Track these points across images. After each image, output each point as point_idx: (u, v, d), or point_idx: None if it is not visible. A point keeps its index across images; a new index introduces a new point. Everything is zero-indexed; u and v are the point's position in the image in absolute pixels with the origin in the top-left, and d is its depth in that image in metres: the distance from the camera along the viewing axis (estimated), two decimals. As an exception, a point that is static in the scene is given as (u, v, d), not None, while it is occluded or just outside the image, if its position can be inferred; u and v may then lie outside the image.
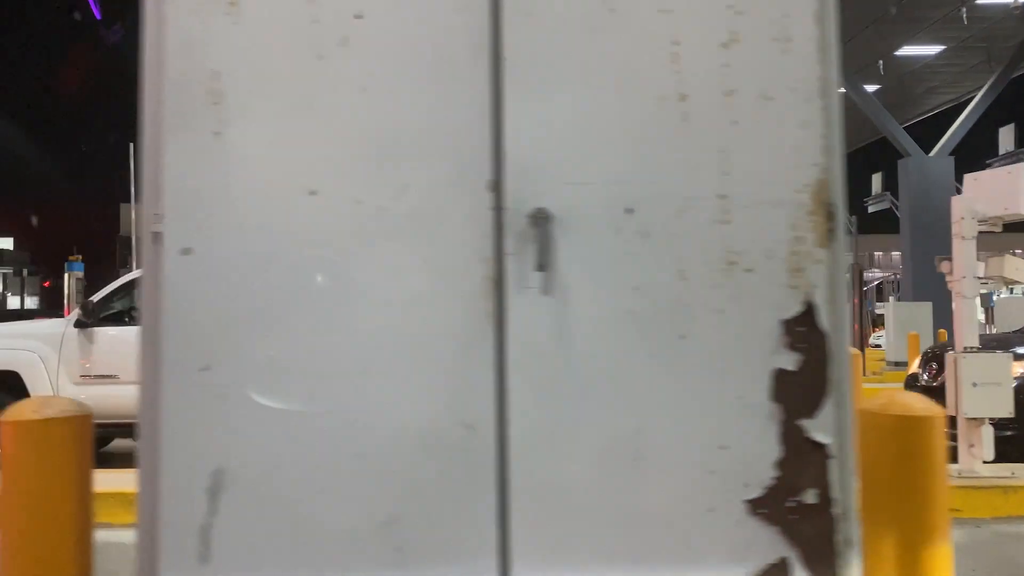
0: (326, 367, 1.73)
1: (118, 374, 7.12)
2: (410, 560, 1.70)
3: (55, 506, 1.92)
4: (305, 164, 1.76)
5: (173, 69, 1.75)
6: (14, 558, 1.93)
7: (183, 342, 1.73)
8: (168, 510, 1.70)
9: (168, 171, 1.75)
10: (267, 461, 1.72)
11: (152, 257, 1.76)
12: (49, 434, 1.91)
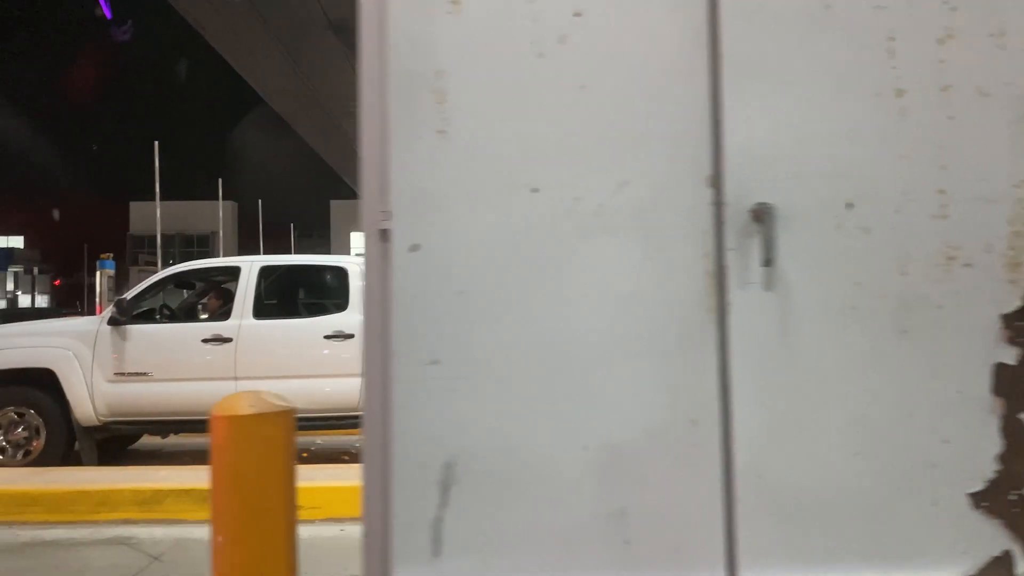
0: (550, 361, 1.75)
1: (151, 372, 7.14)
2: (638, 552, 1.72)
3: (266, 497, 1.95)
4: (527, 161, 1.78)
5: (397, 69, 1.77)
6: (228, 547, 1.96)
7: (412, 337, 1.74)
8: (400, 504, 1.72)
9: (395, 170, 1.77)
10: (496, 454, 1.74)
11: (379, 254, 1.78)
12: (263, 428, 1.93)
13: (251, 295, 7.32)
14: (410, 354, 1.74)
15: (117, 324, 7.16)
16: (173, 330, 7.53)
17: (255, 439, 1.91)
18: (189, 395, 7.10)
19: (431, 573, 1.70)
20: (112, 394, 7.03)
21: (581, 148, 1.79)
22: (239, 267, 7.52)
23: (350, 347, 7.22)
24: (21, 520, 5.52)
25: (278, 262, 8.22)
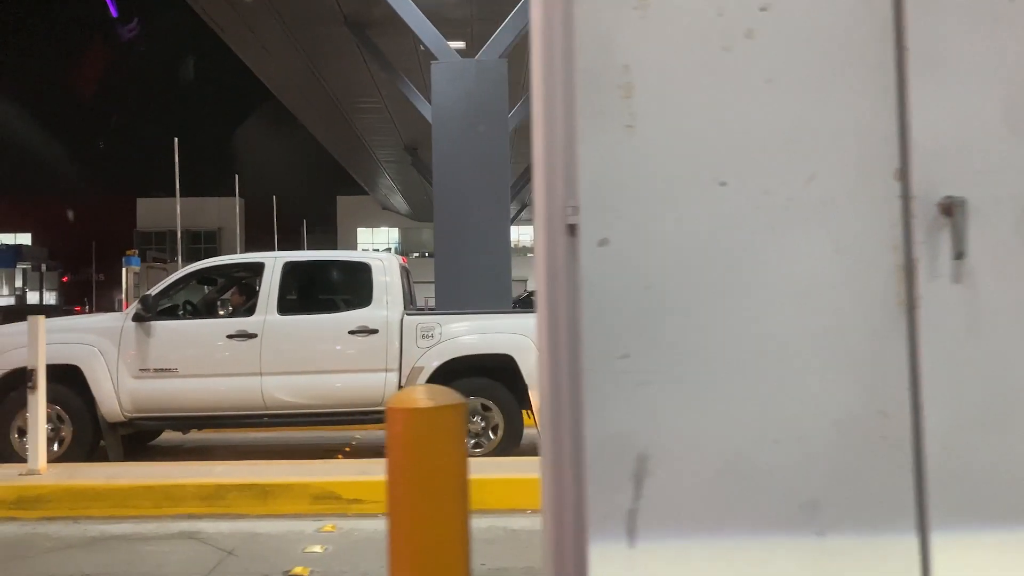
0: (741, 355, 1.76)
1: (177, 368, 7.16)
2: (830, 544, 1.74)
3: (443, 488, 1.96)
4: (714, 155, 1.79)
5: (584, 64, 1.78)
6: (405, 538, 1.97)
7: (602, 331, 1.75)
8: (595, 496, 1.73)
9: (583, 165, 1.77)
10: (688, 447, 1.75)
11: (566, 249, 1.79)
12: (442, 420, 1.94)
13: (275, 291, 7.35)
14: (600, 348, 1.75)
15: (142, 320, 7.21)
16: (198, 326, 7.56)
17: (433, 431, 1.92)
18: (215, 391, 7.14)
19: (627, 564, 1.71)
20: (138, 390, 7.06)
21: (768, 142, 1.79)
22: (263, 263, 7.55)
23: (374, 342, 7.31)
24: (86, 515, 5.55)
25: (301, 258, 8.24)
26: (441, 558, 1.94)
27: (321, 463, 6.59)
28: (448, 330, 7.37)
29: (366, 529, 5.28)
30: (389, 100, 26.05)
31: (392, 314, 7.37)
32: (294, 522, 5.43)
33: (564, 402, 1.79)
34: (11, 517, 5.51)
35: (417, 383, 7.18)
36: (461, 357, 7.29)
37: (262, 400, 7.16)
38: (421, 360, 7.24)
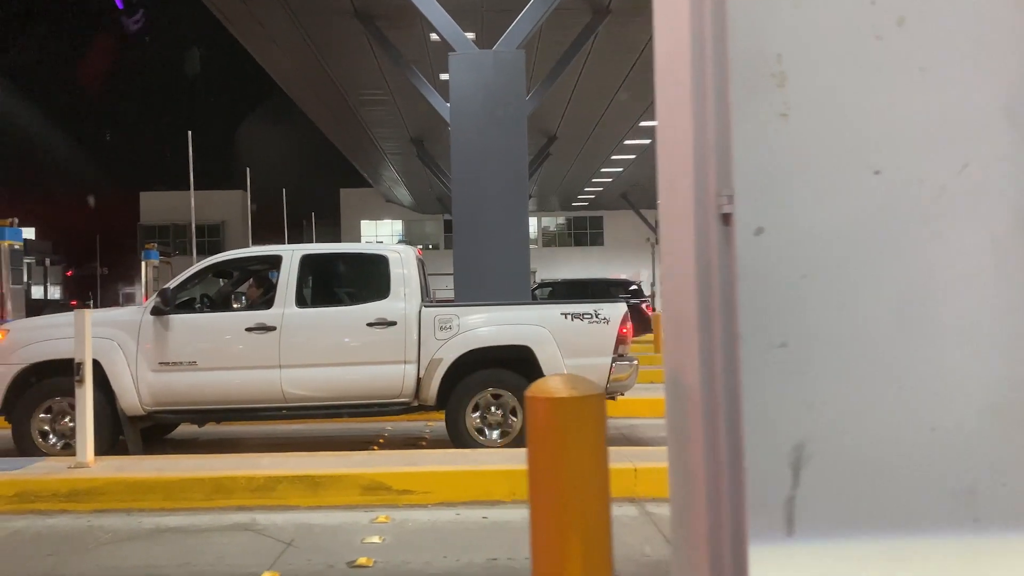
0: (897, 344, 1.77)
1: (196, 361, 7.19)
2: (987, 531, 1.75)
3: (584, 476, 1.97)
4: (867, 144, 1.80)
5: (737, 52, 1.78)
6: (547, 525, 1.98)
7: (758, 320, 1.76)
8: (753, 484, 1.74)
9: (737, 153, 1.78)
10: (845, 436, 1.76)
11: (720, 237, 1.80)
12: (583, 409, 1.95)
13: (293, 284, 7.35)
14: (757, 337, 1.76)
15: (160, 314, 7.20)
16: (217, 319, 7.54)
17: (575, 420, 1.93)
18: (234, 384, 7.15)
19: (785, 551, 1.73)
20: (157, 383, 7.07)
21: (922, 129, 1.80)
22: (280, 256, 7.55)
23: (393, 334, 7.30)
24: (138, 507, 5.56)
25: (319, 251, 8.19)
26: (583, 545, 1.95)
27: (369, 454, 6.62)
28: (466, 322, 7.38)
29: (419, 520, 5.30)
30: (396, 92, 25.98)
31: (410, 306, 7.38)
32: (346, 513, 5.45)
33: (719, 391, 1.80)
34: (64, 509, 5.53)
35: (435, 375, 7.21)
36: (479, 349, 7.31)
37: (281, 393, 7.17)
38: (439, 352, 7.26)
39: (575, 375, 2.05)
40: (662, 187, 2.13)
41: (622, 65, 23.28)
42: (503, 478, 5.70)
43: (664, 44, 2.11)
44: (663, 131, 2.15)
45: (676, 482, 2.07)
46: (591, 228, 56.22)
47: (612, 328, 7.40)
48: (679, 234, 1.96)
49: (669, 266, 2.09)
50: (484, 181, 13.41)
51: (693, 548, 1.91)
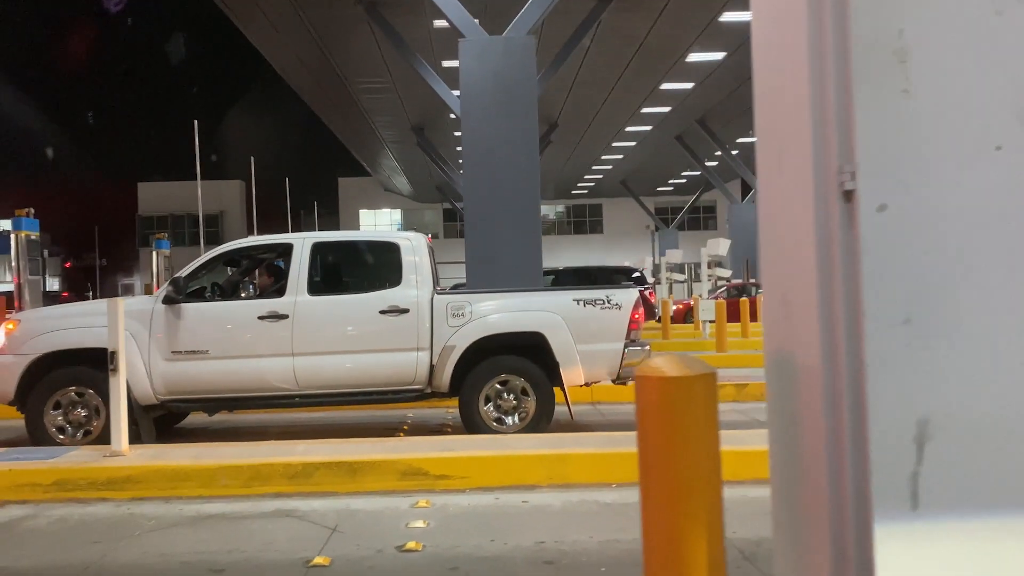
0: (1021, 319, 1.77)
1: (208, 349, 7.19)
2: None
3: (695, 458, 1.97)
4: (990, 120, 1.79)
5: (859, 30, 1.78)
6: (658, 506, 1.99)
7: (883, 297, 1.76)
8: (877, 460, 1.75)
9: (859, 129, 1.78)
10: (969, 412, 1.77)
11: (841, 214, 1.80)
12: (694, 389, 1.95)
13: (305, 272, 7.32)
14: (882, 314, 1.76)
15: (173, 303, 7.17)
16: (229, 308, 7.52)
17: (687, 400, 1.94)
18: (247, 372, 7.14)
19: (910, 527, 1.74)
20: (170, 372, 7.05)
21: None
22: (292, 244, 7.51)
23: (405, 322, 7.28)
24: (175, 495, 5.57)
25: (330, 238, 8.16)
26: (696, 524, 1.96)
27: (402, 440, 6.63)
28: (478, 309, 7.37)
29: (460, 505, 5.31)
30: (398, 80, 25.90)
31: (422, 293, 7.35)
32: (386, 499, 5.46)
33: (841, 370, 1.80)
34: (102, 497, 5.53)
35: (448, 362, 7.22)
36: (492, 335, 7.30)
37: (295, 380, 7.16)
38: (452, 339, 7.25)
39: (685, 355, 2.05)
40: (766, 164, 2.12)
41: (625, 52, 23.25)
42: (540, 463, 5.72)
43: (769, 11, 2.09)
44: (768, 105, 2.13)
45: (783, 462, 2.07)
46: (590, 216, 56.23)
47: (624, 314, 7.41)
48: (792, 211, 1.96)
49: (776, 245, 2.09)
50: (495, 167, 13.39)
51: (809, 527, 1.92)
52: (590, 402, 9.88)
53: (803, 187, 1.91)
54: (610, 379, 7.58)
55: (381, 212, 56.12)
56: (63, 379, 7.05)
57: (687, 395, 1.96)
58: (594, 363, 7.35)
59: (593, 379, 7.56)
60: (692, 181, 47.18)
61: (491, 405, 7.25)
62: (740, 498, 4.90)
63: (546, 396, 7.26)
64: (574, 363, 7.26)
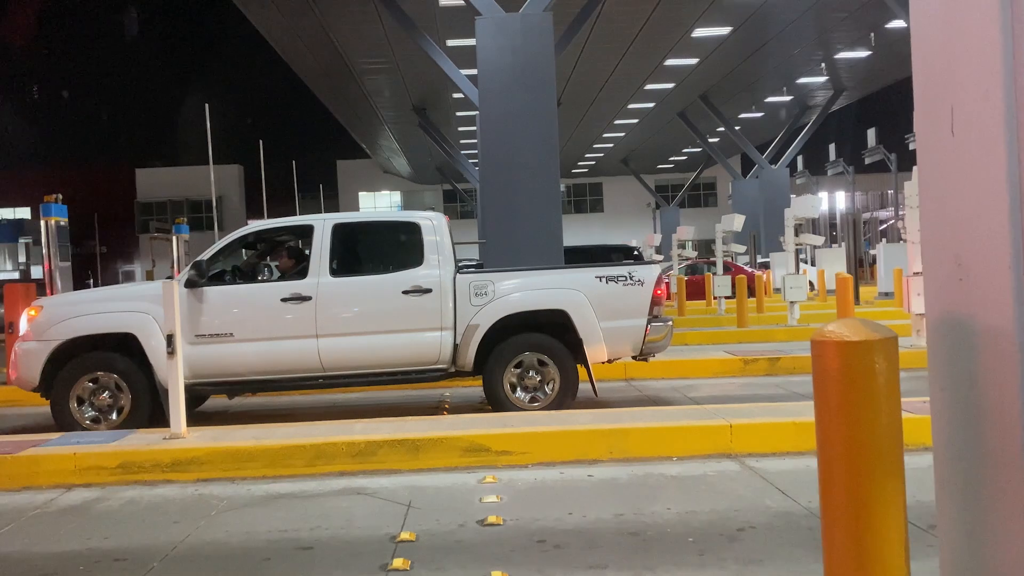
0: None
1: (232, 332, 7.16)
2: None
3: (877, 424, 1.98)
4: None
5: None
6: (839, 471, 2.00)
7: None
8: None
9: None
10: None
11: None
12: (875, 354, 1.95)
13: (327, 253, 7.31)
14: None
15: (195, 286, 7.13)
16: (251, 290, 7.48)
17: (870, 364, 1.94)
18: (272, 354, 7.13)
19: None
20: (194, 356, 7.01)
21: None
22: (312, 226, 7.48)
23: (428, 302, 7.25)
24: (240, 476, 5.58)
25: (351, 219, 8.07)
26: (878, 490, 1.97)
27: (458, 417, 6.63)
28: (501, 287, 7.35)
29: (526, 479, 5.34)
30: (401, 59, 25.74)
31: (445, 273, 7.33)
32: (451, 475, 5.49)
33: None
34: (168, 480, 5.54)
35: (472, 341, 7.22)
36: (515, 314, 7.29)
37: (319, 362, 7.14)
38: (476, 318, 7.24)
39: (861, 319, 2.05)
40: (932, 124, 2.11)
41: (631, 27, 23.12)
42: (600, 437, 5.74)
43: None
44: (934, 63, 2.11)
45: (954, 425, 2.08)
46: (591, 195, 56.17)
47: (647, 290, 7.41)
48: (970, 172, 1.95)
49: (947, 207, 2.09)
50: (513, 145, 13.35)
51: (993, 492, 1.92)
52: (624, 378, 9.92)
53: (988, 148, 1.90)
54: (632, 355, 7.57)
55: (381, 194, 55.94)
56: (90, 364, 7.02)
57: (870, 359, 1.96)
58: (617, 340, 7.36)
59: (616, 356, 7.56)
60: (692, 158, 47.12)
61: (516, 383, 7.27)
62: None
63: (570, 373, 7.26)
64: (597, 340, 7.27)
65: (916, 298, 10.00)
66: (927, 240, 2.19)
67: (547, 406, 7.18)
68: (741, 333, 13.37)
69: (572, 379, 7.29)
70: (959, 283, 2.05)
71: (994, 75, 1.88)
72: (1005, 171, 1.87)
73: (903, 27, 21.91)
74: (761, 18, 22.32)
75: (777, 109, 34.40)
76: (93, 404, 7.02)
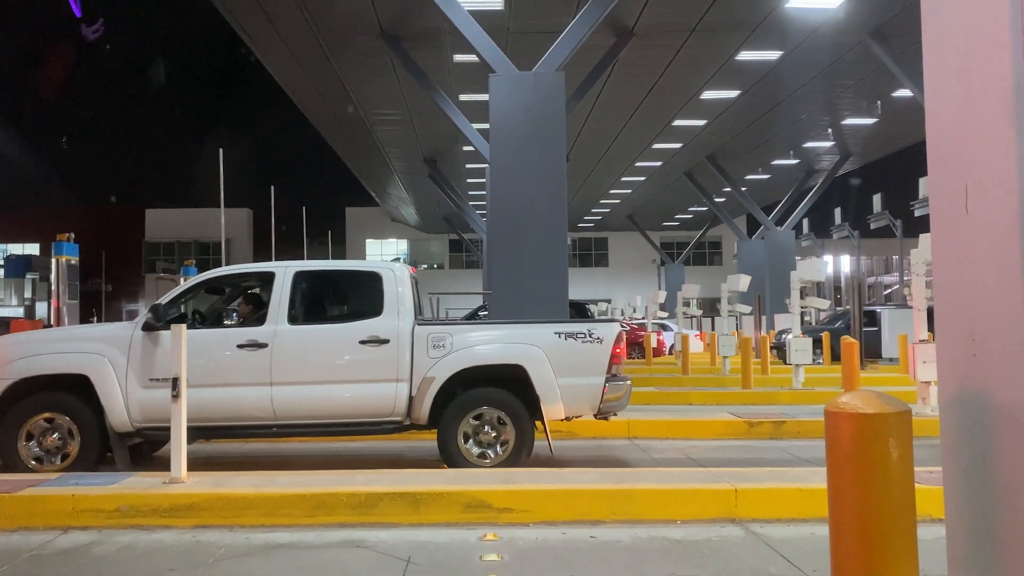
0: None
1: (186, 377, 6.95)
2: None
3: (891, 494, 1.97)
4: None
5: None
6: (850, 541, 1.98)
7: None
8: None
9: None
10: None
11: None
12: (896, 425, 1.96)
13: (286, 300, 7.25)
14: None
15: (152, 329, 7.06)
16: (208, 335, 7.32)
17: (881, 438, 1.94)
18: (224, 401, 7.01)
19: None
20: (147, 400, 6.91)
21: None
22: (273, 272, 7.43)
23: (385, 352, 7.11)
24: (239, 523, 5.52)
25: (312, 267, 7.98)
26: (889, 561, 1.95)
27: (460, 472, 6.57)
28: (460, 340, 7.25)
29: (528, 538, 5.27)
30: (414, 112, 26.16)
31: (403, 324, 7.22)
32: (451, 531, 5.42)
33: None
34: (165, 525, 5.48)
35: (427, 393, 7.08)
36: (472, 368, 7.18)
37: (272, 410, 7.02)
38: (432, 370, 7.13)
39: (873, 391, 2.05)
40: (946, 201, 2.14)
41: (641, 88, 23.51)
42: (604, 497, 5.68)
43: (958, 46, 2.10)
44: (951, 144, 2.16)
45: (966, 500, 2.07)
46: (596, 249, 56.42)
47: (606, 348, 7.30)
48: (984, 249, 1.98)
49: (961, 282, 2.11)
50: (522, 199, 13.48)
51: (1006, 568, 1.91)
52: (627, 436, 9.85)
53: (1003, 227, 1.93)
54: (592, 414, 7.43)
55: (388, 242, 56.27)
56: (41, 404, 6.89)
57: (885, 432, 1.96)
58: (575, 397, 7.23)
59: (574, 414, 7.42)
60: (698, 216, 47.42)
61: (470, 438, 7.12)
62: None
63: (526, 430, 7.12)
64: (554, 397, 7.16)
65: (922, 365, 9.98)
66: (941, 314, 2.21)
67: (501, 463, 7.03)
68: (745, 395, 13.30)
69: (528, 436, 7.15)
70: (973, 358, 2.06)
71: (1008, 159, 1.92)
72: (1019, 250, 1.89)
73: (909, 96, 22.25)
74: (769, 83, 22.72)
75: (784, 172, 34.77)
76: (41, 444, 6.87)
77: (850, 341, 11.23)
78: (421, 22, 18.66)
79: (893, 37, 18.76)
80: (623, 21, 18.35)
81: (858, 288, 21.97)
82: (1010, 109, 1.92)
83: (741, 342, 14.82)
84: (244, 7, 18.21)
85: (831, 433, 2.00)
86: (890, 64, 19.05)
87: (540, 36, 17.24)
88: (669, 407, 12.20)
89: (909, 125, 26.72)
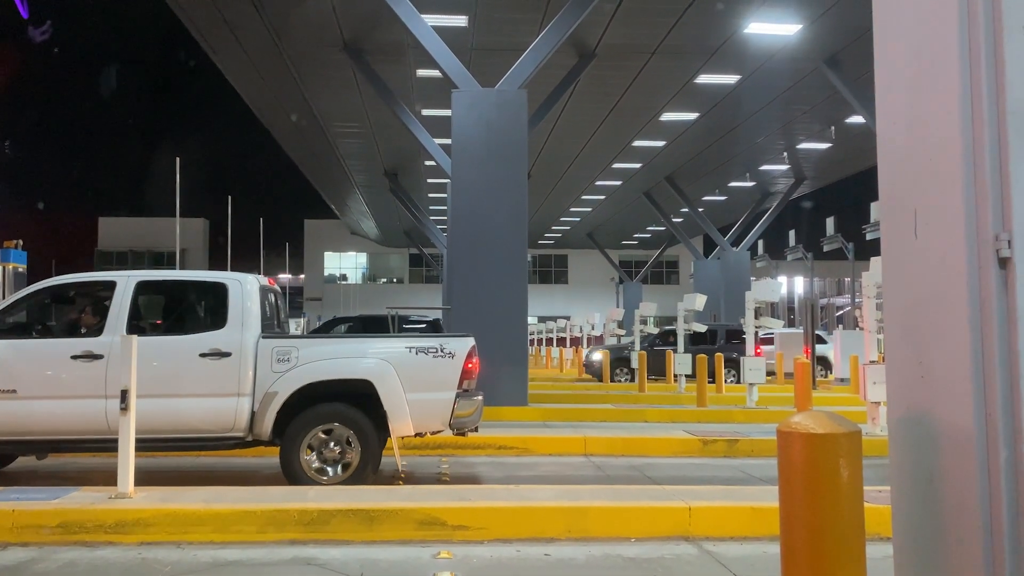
0: None
1: (16, 389, 6.76)
2: None
3: (840, 513, 2.00)
4: None
5: (1015, 103, 1.87)
6: (800, 560, 2.00)
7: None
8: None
9: (1016, 198, 1.86)
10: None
11: (997, 281, 1.87)
12: (847, 445, 1.99)
13: (126, 310, 7.03)
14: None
15: None
16: (41, 346, 7.06)
17: (831, 458, 1.97)
18: (57, 414, 6.75)
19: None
20: None
21: None
22: (115, 282, 7.21)
23: (227, 366, 6.93)
24: (187, 540, 5.40)
25: (156, 277, 7.74)
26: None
27: (415, 488, 6.50)
28: (306, 354, 7.07)
29: (482, 556, 5.23)
30: (376, 125, 26.09)
31: (247, 337, 7.01)
32: (404, 548, 5.35)
33: (996, 433, 1.85)
34: (110, 541, 5.33)
35: (270, 409, 6.91)
36: (318, 382, 7.01)
37: (107, 424, 6.70)
38: (275, 385, 6.95)
39: (825, 412, 2.08)
40: (896, 227, 2.19)
41: (602, 108, 23.77)
42: (560, 515, 5.67)
43: (909, 74, 2.16)
44: (901, 170, 2.21)
45: (914, 518, 2.11)
46: (556, 266, 56.68)
47: (457, 363, 7.16)
48: (933, 274, 2.02)
49: (910, 307, 2.15)
50: (483, 214, 13.51)
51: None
52: (583, 454, 9.86)
53: (950, 252, 1.98)
54: (444, 429, 7.28)
55: (347, 255, 55.84)
56: None
57: (835, 452, 1.99)
58: (424, 413, 7.08)
59: (424, 429, 7.24)
60: (656, 236, 47.96)
61: (314, 454, 6.95)
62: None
63: (372, 446, 6.97)
64: (403, 413, 7.01)
65: (872, 386, 10.18)
66: (890, 337, 2.25)
67: (345, 480, 6.87)
68: (700, 412, 13.42)
69: (375, 452, 7.02)
70: (921, 380, 2.10)
71: (955, 186, 1.97)
72: (965, 274, 1.94)
73: (862, 122, 22.82)
74: (727, 107, 23.12)
75: (740, 194, 35.36)
76: None
77: (803, 361, 11.41)
78: (385, 36, 18.65)
79: (847, 65, 19.25)
80: (586, 42, 18.54)
81: (811, 309, 22.40)
82: (957, 137, 1.97)
83: (697, 361, 14.96)
84: (206, 17, 18.01)
85: (783, 452, 2.02)
86: (843, 91, 19.52)
87: (504, 54, 17.36)
88: (625, 424, 12.26)
89: (861, 150, 27.40)
